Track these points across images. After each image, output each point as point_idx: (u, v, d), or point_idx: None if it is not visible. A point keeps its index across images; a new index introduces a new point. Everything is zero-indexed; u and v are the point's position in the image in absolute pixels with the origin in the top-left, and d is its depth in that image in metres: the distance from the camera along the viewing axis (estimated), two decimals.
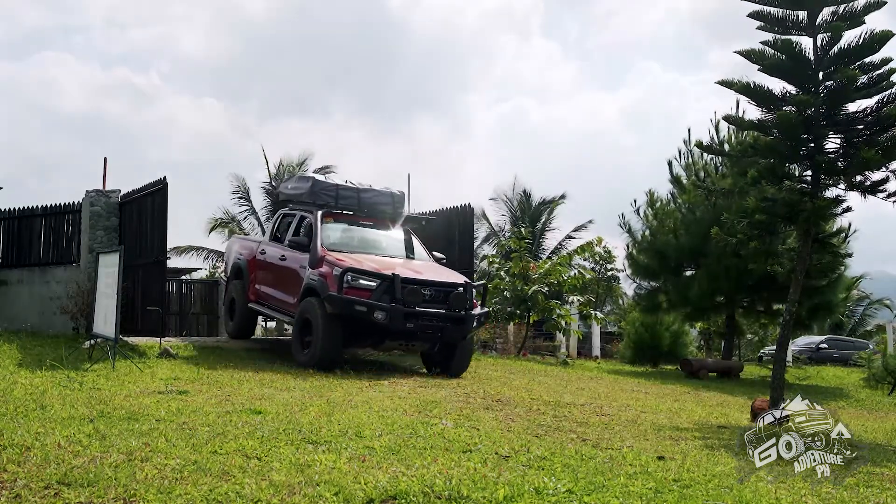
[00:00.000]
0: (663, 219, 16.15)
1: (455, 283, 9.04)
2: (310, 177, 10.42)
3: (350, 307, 8.37)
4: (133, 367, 7.82)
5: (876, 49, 6.81)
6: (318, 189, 10.01)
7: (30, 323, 11.97)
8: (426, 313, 8.59)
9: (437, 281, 9.02)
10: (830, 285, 14.51)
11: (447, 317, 8.73)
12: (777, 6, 7.11)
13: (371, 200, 10.25)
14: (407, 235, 10.33)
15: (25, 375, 6.86)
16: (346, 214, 10.08)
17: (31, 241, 12.81)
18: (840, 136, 7.25)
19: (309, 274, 8.98)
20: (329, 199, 10.00)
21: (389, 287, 8.47)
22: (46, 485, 3.18)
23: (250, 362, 9.14)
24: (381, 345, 9.00)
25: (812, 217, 7.16)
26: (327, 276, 8.63)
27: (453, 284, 9.02)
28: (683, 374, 14.39)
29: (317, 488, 3.26)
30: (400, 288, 8.44)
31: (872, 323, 31.72)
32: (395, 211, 10.40)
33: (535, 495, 3.32)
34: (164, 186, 10.36)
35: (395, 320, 8.37)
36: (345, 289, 8.39)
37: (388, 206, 10.37)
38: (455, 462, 3.96)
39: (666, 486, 3.70)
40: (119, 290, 8.23)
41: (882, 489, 4.00)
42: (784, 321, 7.65)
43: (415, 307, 8.46)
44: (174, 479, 3.31)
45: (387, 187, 10.51)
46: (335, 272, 8.54)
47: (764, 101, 7.28)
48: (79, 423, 4.51)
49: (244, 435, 4.33)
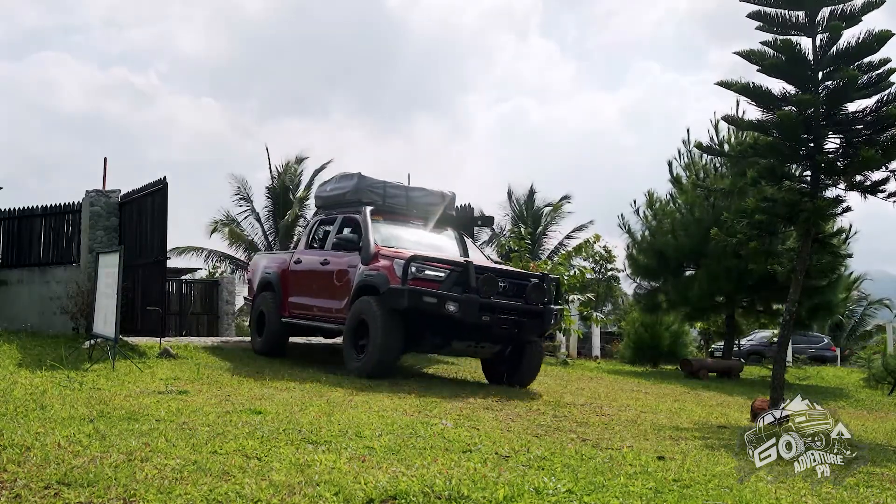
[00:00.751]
0: (662, 219, 16.16)
1: (532, 275, 8.47)
2: (355, 174, 9.64)
3: (417, 299, 7.50)
4: (133, 367, 7.83)
5: (875, 49, 6.82)
6: (364, 186, 9.41)
7: (30, 323, 11.98)
8: (503, 305, 7.78)
9: (512, 271, 8.43)
10: (830, 285, 14.51)
11: (525, 310, 7.94)
12: (776, 6, 7.11)
13: (420, 200, 9.73)
14: (459, 237, 9.77)
15: (25, 375, 6.86)
16: (394, 214, 9.45)
17: (31, 241, 12.83)
18: (840, 136, 7.25)
19: (363, 271, 8.24)
20: (376, 197, 9.41)
21: (461, 277, 7.73)
22: (46, 485, 3.18)
23: (250, 362, 9.15)
24: (446, 346, 8.17)
25: (812, 217, 7.16)
26: (387, 269, 7.88)
27: (530, 275, 8.45)
28: (683, 374, 14.39)
29: (317, 488, 3.26)
30: (474, 277, 7.69)
31: (872, 323, 31.73)
32: (444, 212, 9.80)
33: (535, 495, 3.32)
34: (164, 186, 10.37)
35: (470, 312, 7.54)
36: (409, 280, 7.61)
37: (438, 207, 9.79)
38: (455, 462, 3.96)
39: (666, 486, 3.70)
40: (119, 290, 8.24)
41: (882, 489, 4.00)
42: (784, 321, 7.65)
43: (490, 298, 7.69)
44: (174, 479, 3.31)
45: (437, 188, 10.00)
46: (397, 263, 7.79)
47: (764, 102, 7.28)
48: (79, 423, 4.51)
49: (244, 435, 4.33)
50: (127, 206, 11.78)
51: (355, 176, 9.56)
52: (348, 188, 9.57)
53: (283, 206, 26.34)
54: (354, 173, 9.64)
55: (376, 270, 8.01)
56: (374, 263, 8.13)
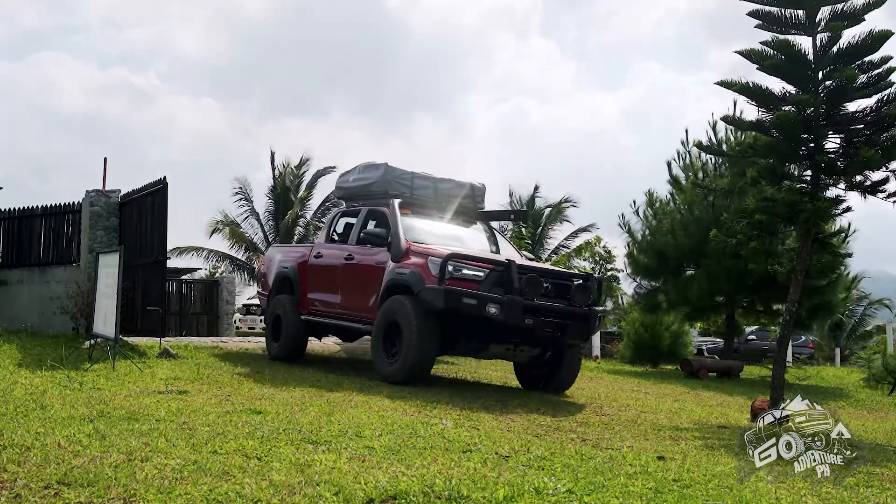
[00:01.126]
0: (662, 219, 16.16)
1: (575, 274, 8.03)
2: (381, 164, 9.04)
3: (456, 300, 7.01)
4: (133, 367, 7.83)
5: (875, 48, 6.81)
6: (391, 177, 8.86)
7: (30, 323, 11.99)
8: (547, 307, 7.26)
9: (555, 271, 7.94)
10: (830, 285, 14.51)
11: (569, 312, 7.44)
12: (776, 5, 7.11)
13: (449, 192, 9.15)
14: (490, 231, 9.23)
15: (25, 375, 6.86)
16: (421, 207, 8.86)
17: (31, 241, 12.84)
18: (840, 136, 7.25)
19: (393, 269, 7.70)
20: (403, 188, 8.86)
21: (502, 276, 7.23)
22: (46, 485, 3.18)
23: (250, 362, 9.15)
24: (483, 350, 7.66)
25: (812, 217, 7.16)
26: (421, 268, 7.36)
27: (573, 275, 7.99)
28: (683, 374, 14.39)
29: (317, 488, 3.26)
30: (517, 277, 7.18)
31: (872, 323, 31.72)
32: (474, 204, 9.30)
33: (535, 495, 3.33)
34: (164, 186, 10.37)
35: (513, 315, 7.01)
36: (446, 280, 7.11)
37: (468, 199, 9.25)
38: (455, 462, 3.96)
39: (666, 486, 3.70)
40: (119, 290, 8.24)
41: (882, 489, 4.00)
42: (784, 321, 7.65)
43: (533, 300, 7.17)
44: (174, 479, 3.31)
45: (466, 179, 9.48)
46: (432, 261, 7.29)
47: (764, 102, 7.28)
48: (79, 423, 4.51)
49: (244, 435, 4.33)
50: (127, 206, 11.79)
51: (381, 166, 9.00)
52: (374, 179, 9.01)
53: (284, 207, 26.37)
54: (381, 163, 9.06)
55: (409, 269, 7.51)
56: (405, 261, 7.63)
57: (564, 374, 8.05)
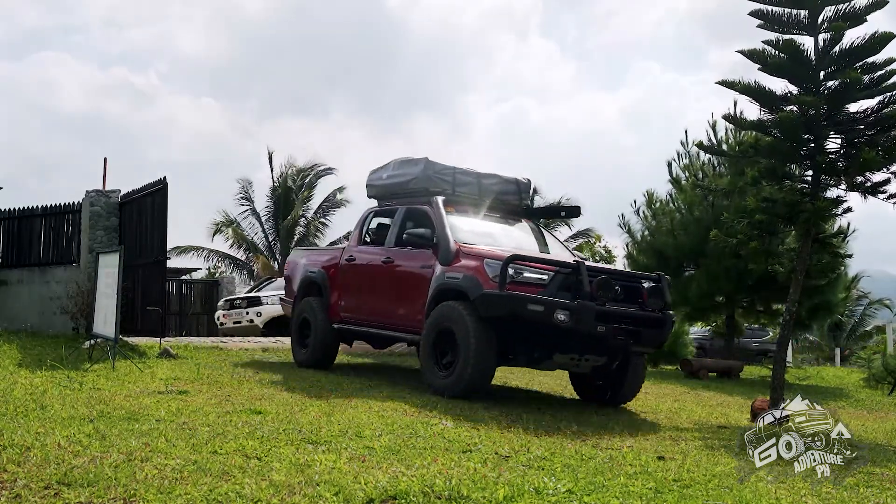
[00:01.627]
0: (662, 219, 16.15)
1: (645, 275, 7.43)
2: (420, 159, 8.38)
3: (520, 307, 6.37)
4: (133, 367, 7.83)
5: (878, 50, 6.82)
6: (431, 172, 8.20)
7: (30, 323, 11.99)
8: (619, 313, 6.65)
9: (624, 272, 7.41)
10: (830, 285, 14.51)
11: (642, 318, 6.83)
12: (778, 5, 7.11)
13: (494, 188, 8.54)
14: (537, 230, 8.55)
15: (25, 375, 6.86)
16: (464, 205, 8.20)
17: (31, 241, 12.85)
18: (841, 137, 7.25)
19: (443, 273, 7.07)
20: (445, 184, 8.23)
21: (569, 279, 6.59)
22: (46, 485, 3.18)
23: (250, 362, 9.15)
24: (546, 361, 6.96)
25: (812, 218, 7.16)
26: (476, 271, 6.74)
27: (643, 276, 7.39)
28: (683, 374, 14.39)
29: (317, 488, 3.26)
30: (587, 280, 6.52)
31: (872, 323, 31.72)
32: (520, 201, 8.72)
33: (535, 495, 3.33)
34: (164, 186, 10.38)
35: (585, 322, 6.35)
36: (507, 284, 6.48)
37: (514, 196, 8.66)
38: (455, 462, 3.96)
39: (666, 486, 3.70)
40: (119, 290, 8.24)
41: (882, 489, 4.00)
42: (784, 321, 7.65)
43: (605, 305, 6.54)
44: (174, 479, 3.31)
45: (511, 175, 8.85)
46: (489, 264, 6.67)
47: (766, 102, 7.28)
48: (79, 423, 4.51)
49: (244, 435, 4.33)
50: (127, 206, 11.80)
51: (421, 161, 8.34)
52: (413, 175, 8.34)
53: (285, 207, 26.37)
54: (420, 158, 8.42)
55: (461, 272, 6.88)
56: (456, 263, 7.01)
57: (629, 385, 7.45)
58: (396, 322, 7.80)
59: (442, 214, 7.57)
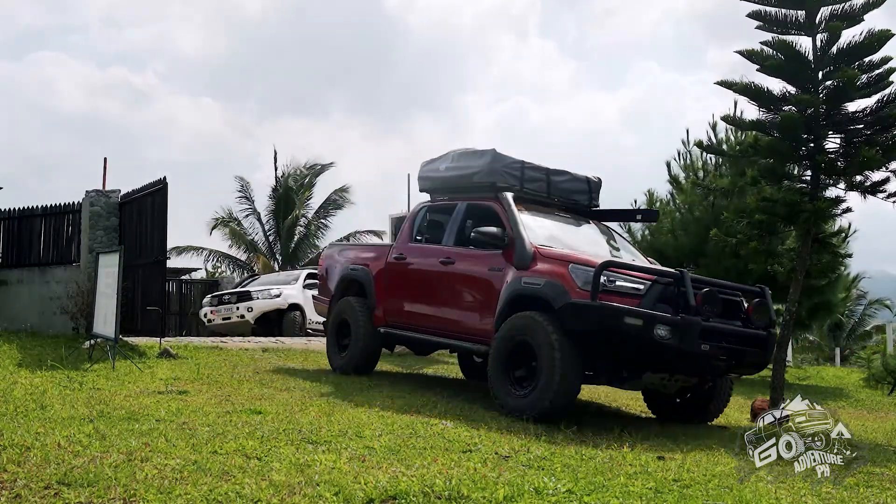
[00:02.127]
0: (662, 219, 16.16)
1: (745, 288, 6.71)
2: (487, 150, 7.64)
3: (615, 320, 5.62)
4: (133, 367, 7.83)
5: (875, 48, 6.83)
6: (499, 166, 7.44)
7: (30, 323, 11.99)
8: (724, 331, 5.93)
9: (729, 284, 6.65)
10: (830, 285, 14.51)
11: (747, 336, 6.13)
12: (776, 5, 7.12)
13: (564, 185, 7.89)
14: (608, 232, 7.95)
15: (25, 375, 6.86)
16: (532, 203, 7.51)
17: (31, 241, 12.85)
18: (840, 136, 7.26)
19: (519, 278, 6.34)
20: (513, 180, 7.51)
21: (668, 290, 5.89)
22: (46, 485, 3.18)
23: (250, 362, 9.15)
24: (634, 381, 6.21)
25: (812, 217, 7.16)
26: (560, 277, 5.99)
27: (744, 288, 6.66)
28: None
29: (317, 488, 3.26)
30: (692, 291, 5.80)
31: (872, 323, 31.71)
32: (589, 201, 8.09)
33: (535, 495, 3.33)
34: (164, 186, 10.38)
35: (688, 340, 5.62)
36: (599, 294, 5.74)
37: (584, 196, 8.02)
38: (455, 462, 3.96)
39: (666, 486, 3.70)
40: (119, 290, 8.25)
41: (882, 489, 4.00)
42: (784, 321, 7.66)
43: (709, 320, 5.80)
44: (174, 479, 3.31)
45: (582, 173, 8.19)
46: (576, 270, 5.96)
47: (764, 102, 7.29)
48: (79, 423, 4.51)
49: (244, 435, 4.33)
50: (127, 206, 11.80)
51: (488, 153, 7.58)
52: (477, 168, 7.60)
53: (286, 207, 26.37)
54: (486, 150, 7.69)
55: (542, 278, 6.14)
56: (535, 268, 6.30)
57: (715, 404, 6.86)
58: (457, 330, 7.12)
59: (515, 212, 6.88)
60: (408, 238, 8.03)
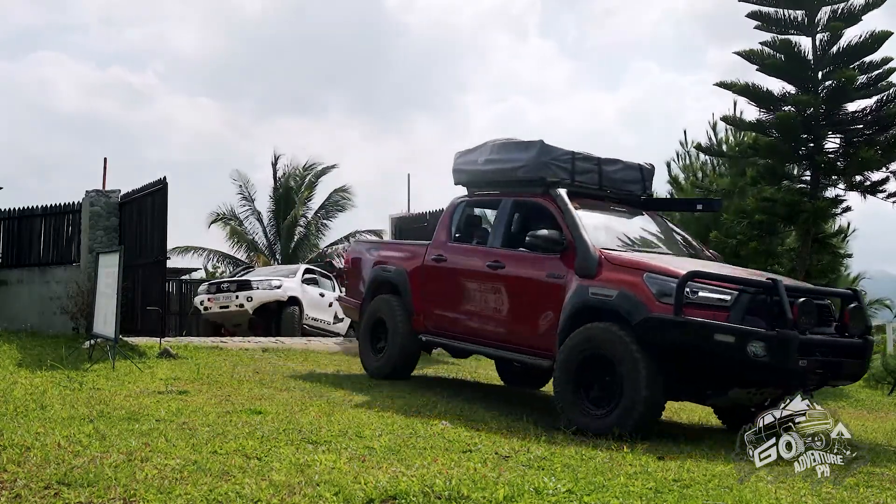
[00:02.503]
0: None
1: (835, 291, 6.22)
2: (534, 142, 6.95)
3: (705, 336, 5.13)
4: (133, 367, 7.83)
5: (875, 49, 6.85)
6: (548, 158, 6.78)
7: (30, 323, 11.99)
8: (822, 343, 5.37)
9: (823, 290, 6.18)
10: (830, 285, 14.50)
11: (844, 346, 5.55)
12: (775, 6, 7.14)
13: (616, 175, 7.20)
14: (664, 225, 7.26)
15: (25, 375, 6.86)
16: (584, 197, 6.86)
17: (31, 241, 12.85)
18: (839, 136, 7.28)
19: (584, 287, 5.77)
20: (563, 173, 6.82)
21: (757, 300, 5.32)
22: (46, 485, 3.18)
23: (250, 362, 9.15)
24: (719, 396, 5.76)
25: (812, 217, 7.18)
26: (635, 287, 5.45)
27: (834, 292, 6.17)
28: None
29: (317, 488, 3.26)
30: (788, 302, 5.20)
31: (872, 323, 31.64)
32: (643, 191, 7.41)
33: (535, 495, 3.33)
34: (164, 186, 10.38)
35: (785, 356, 5.08)
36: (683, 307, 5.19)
37: (637, 185, 7.32)
38: (455, 462, 3.96)
39: (666, 486, 3.70)
40: (119, 290, 8.25)
41: (882, 489, 4.00)
42: None
43: (806, 333, 5.23)
44: (174, 479, 3.32)
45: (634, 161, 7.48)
46: (652, 279, 5.42)
47: (764, 102, 7.31)
48: (79, 423, 4.51)
49: (244, 435, 4.34)
50: (127, 206, 11.80)
51: (535, 145, 6.91)
52: (524, 161, 6.93)
53: (286, 207, 26.37)
54: (533, 141, 7.01)
55: (614, 288, 5.58)
56: (601, 275, 5.73)
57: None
58: (512, 341, 6.57)
59: (573, 212, 6.22)
60: (447, 237, 7.47)
